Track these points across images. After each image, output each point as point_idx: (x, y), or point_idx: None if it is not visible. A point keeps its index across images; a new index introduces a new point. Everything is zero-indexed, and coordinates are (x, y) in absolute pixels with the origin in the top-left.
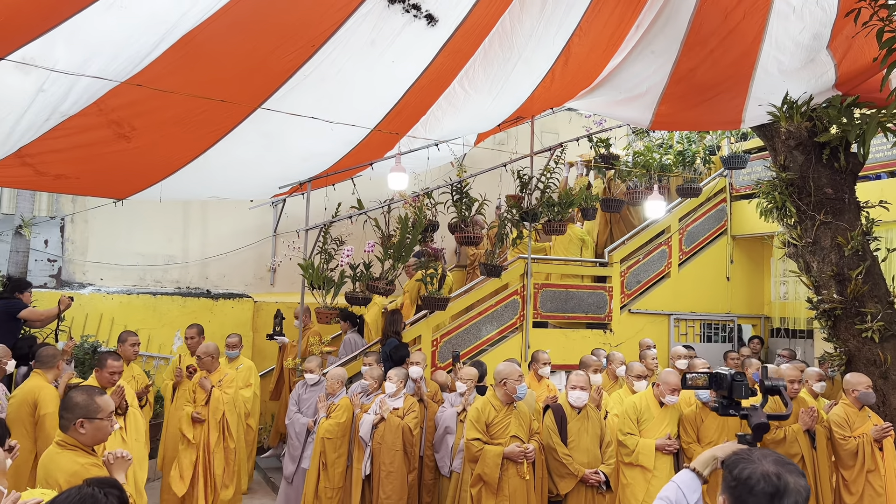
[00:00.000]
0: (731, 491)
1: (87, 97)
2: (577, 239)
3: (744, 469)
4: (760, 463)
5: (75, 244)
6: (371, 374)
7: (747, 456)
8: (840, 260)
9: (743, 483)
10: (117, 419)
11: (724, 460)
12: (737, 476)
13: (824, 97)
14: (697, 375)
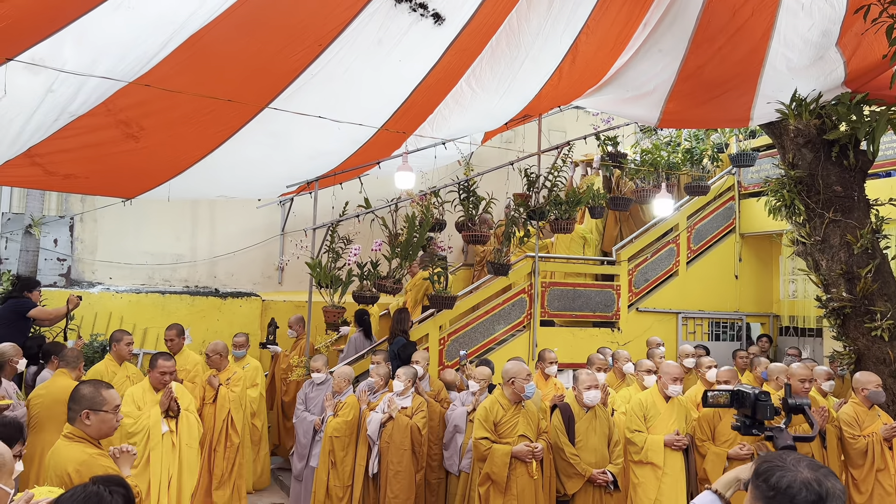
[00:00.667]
0: (770, 501)
1: (95, 97)
2: (579, 237)
3: (782, 477)
4: (797, 470)
5: (84, 243)
6: (378, 371)
7: (781, 463)
8: (849, 258)
9: (783, 492)
10: (167, 422)
11: (756, 468)
12: (775, 485)
13: (833, 94)
14: (719, 393)
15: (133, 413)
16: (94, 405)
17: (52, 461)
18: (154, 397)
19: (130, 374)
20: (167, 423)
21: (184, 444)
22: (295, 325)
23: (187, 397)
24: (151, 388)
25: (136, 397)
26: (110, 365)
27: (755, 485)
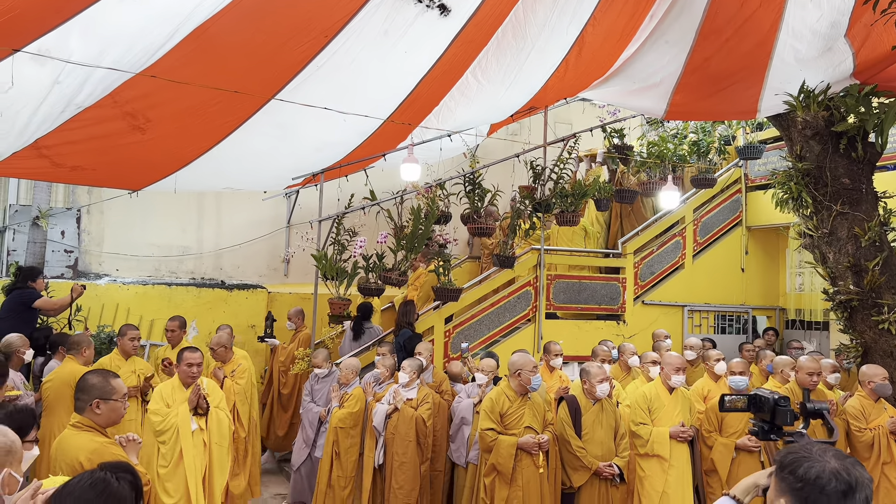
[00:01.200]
0: (798, 493)
1: (101, 89)
2: (580, 228)
3: (810, 468)
4: (824, 460)
5: (91, 235)
6: (383, 363)
7: (807, 454)
8: (857, 251)
9: (812, 483)
10: (197, 420)
11: (780, 460)
12: (803, 476)
13: (842, 86)
14: (737, 398)
15: (161, 410)
16: (104, 394)
17: (62, 451)
18: (184, 394)
19: (138, 369)
20: (196, 420)
21: (214, 443)
22: (294, 317)
23: (218, 394)
24: (181, 385)
25: (164, 394)
26: (116, 359)
27: (780, 477)
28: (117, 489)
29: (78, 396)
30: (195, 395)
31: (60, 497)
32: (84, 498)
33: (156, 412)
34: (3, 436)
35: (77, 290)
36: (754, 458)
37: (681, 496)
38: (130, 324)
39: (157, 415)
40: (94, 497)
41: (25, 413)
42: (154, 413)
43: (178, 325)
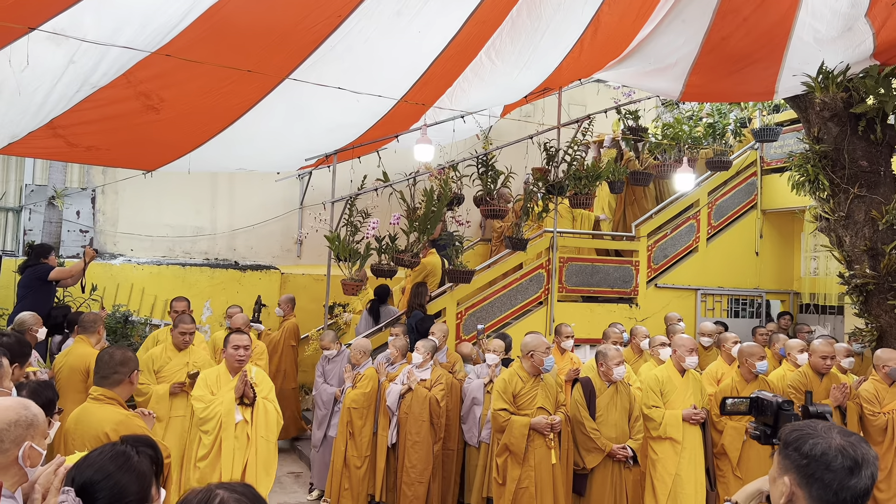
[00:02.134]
0: (802, 470)
1: (116, 69)
2: (567, 212)
3: (815, 445)
4: (830, 436)
5: (106, 215)
6: (395, 343)
7: (811, 430)
8: (874, 234)
9: (817, 460)
10: (242, 410)
11: (784, 438)
12: (808, 453)
13: (861, 67)
14: (739, 401)
15: (205, 397)
16: (138, 365)
17: (84, 424)
18: (230, 382)
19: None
20: (241, 411)
21: (259, 437)
22: (284, 304)
23: (267, 384)
24: (227, 371)
25: (209, 381)
26: (168, 351)
27: (784, 454)
28: (137, 463)
29: (116, 370)
30: (241, 383)
31: (81, 469)
32: (105, 470)
33: (199, 398)
34: (26, 409)
35: (90, 253)
36: None
37: (693, 478)
38: (184, 314)
39: (200, 401)
40: (115, 470)
41: (48, 388)
42: (197, 399)
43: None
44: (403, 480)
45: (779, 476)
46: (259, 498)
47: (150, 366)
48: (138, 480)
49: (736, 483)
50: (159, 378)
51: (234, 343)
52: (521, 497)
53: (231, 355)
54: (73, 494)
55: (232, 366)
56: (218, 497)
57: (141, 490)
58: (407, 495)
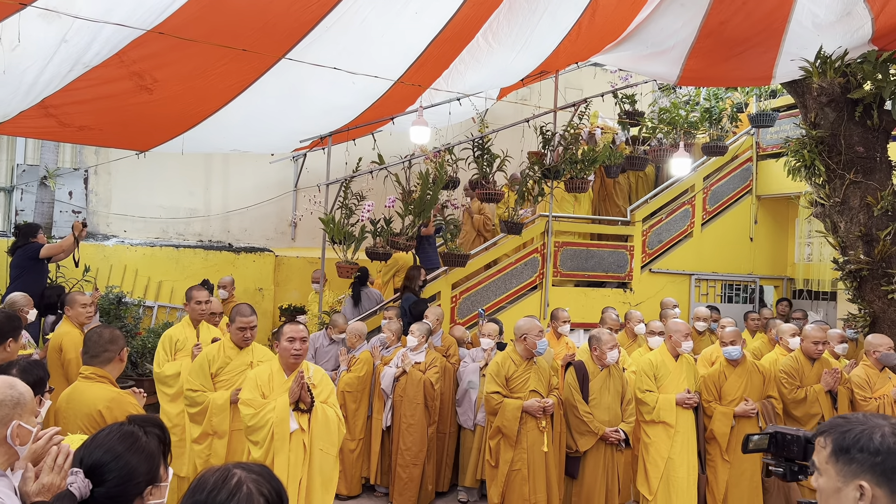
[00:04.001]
0: (878, 467)
1: (108, 48)
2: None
3: (882, 438)
4: (877, 423)
5: (99, 196)
6: (390, 327)
7: (860, 425)
8: (869, 220)
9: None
10: (298, 417)
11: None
12: (878, 448)
13: (859, 52)
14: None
15: (255, 402)
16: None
17: (76, 402)
18: (284, 382)
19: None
20: (297, 418)
21: (317, 448)
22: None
23: (327, 385)
24: (281, 370)
25: (260, 381)
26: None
27: (847, 459)
28: (146, 443)
29: (106, 348)
30: (298, 386)
31: (90, 450)
32: (114, 451)
33: (248, 403)
34: (11, 388)
35: (78, 226)
36: (752, 424)
37: (686, 462)
38: (197, 285)
39: (249, 406)
40: (124, 450)
41: (39, 367)
42: (246, 404)
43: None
44: (398, 463)
45: (845, 484)
46: (276, 479)
47: (205, 368)
48: (147, 460)
49: (724, 467)
50: (218, 383)
51: (290, 334)
52: (513, 479)
53: (286, 350)
54: (83, 476)
55: (286, 363)
56: (235, 477)
57: (150, 470)
58: (402, 478)
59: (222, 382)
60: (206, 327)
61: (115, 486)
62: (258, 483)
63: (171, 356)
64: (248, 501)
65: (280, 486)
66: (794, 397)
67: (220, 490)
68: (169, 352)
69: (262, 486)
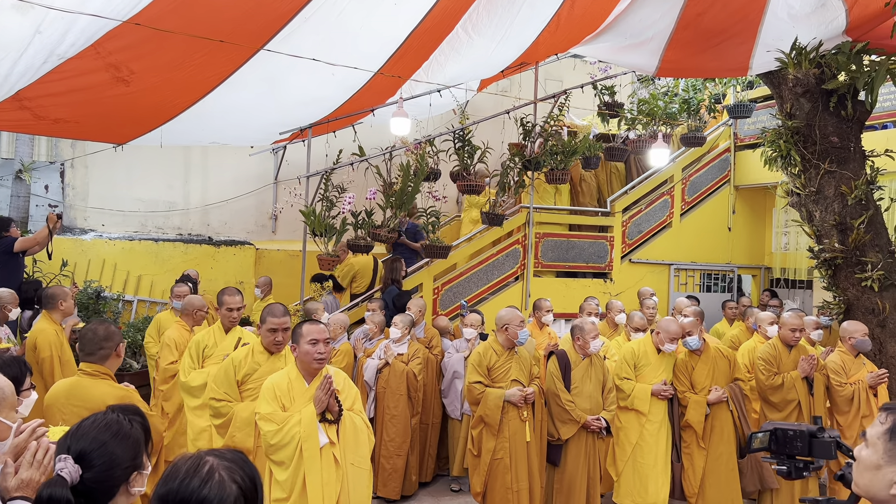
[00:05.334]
0: None
1: (84, 39)
2: (552, 187)
3: None
4: None
5: (76, 189)
6: (373, 319)
7: None
8: (843, 209)
9: None
10: (327, 429)
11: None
12: None
13: (834, 43)
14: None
15: (277, 416)
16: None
17: (79, 398)
18: (306, 390)
19: None
20: (325, 430)
21: (349, 464)
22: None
23: (351, 390)
24: (301, 377)
25: (279, 390)
26: (215, 333)
27: None
28: (130, 431)
29: (102, 346)
30: (325, 393)
31: (75, 438)
32: (99, 440)
33: (268, 418)
34: None
35: (52, 218)
36: (724, 409)
37: (654, 449)
38: (230, 288)
39: (270, 422)
40: (110, 438)
41: (17, 362)
42: (266, 420)
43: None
44: (381, 454)
45: (887, 464)
46: (249, 466)
47: (230, 375)
48: (132, 448)
49: (700, 454)
50: (245, 392)
51: (312, 336)
52: (496, 468)
53: (307, 354)
54: (72, 461)
55: (308, 369)
56: (208, 464)
57: (135, 457)
58: (385, 468)
59: (249, 392)
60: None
61: (101, 472)
62: (231, 470)
63: (197, 364)
64: (220, 489)
65: (254, 473)
66: (772, 384)
67: (193, 478)
68: (196, 359)
69: (235, 474)
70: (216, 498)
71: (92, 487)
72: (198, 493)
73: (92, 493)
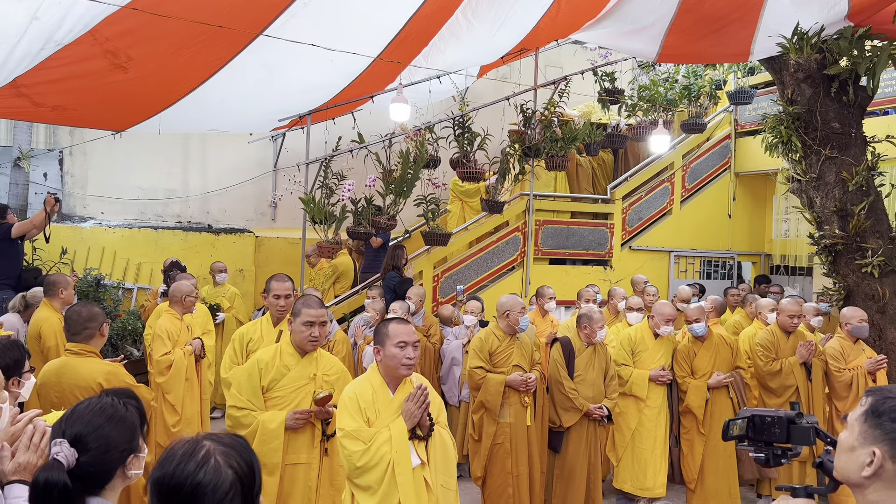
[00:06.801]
0: None
1: (81, 25)
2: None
3: None
4: None
5: (75, 177)
6: (373, 306)
7: None
8: (844, 195)
9: None
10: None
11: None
12: None
13: (836, 28)
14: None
15: (363, 433)
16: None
17: (69, 377)
18: (391, 401)
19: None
20: (415, 448)
21: (438, 485)
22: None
23: (435, 399)
24: (385, 385)
25: (363, 401)
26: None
27: (875, 424)
28: (125, 414)
29: (86, 326)
30: (419, 406)
31: (70, 422)
32: (94, 423)
33: (354, 436)
34: None
35: (50, 201)
36: (724, 395)
37: (653, 434)
38: (279, 275)
39: (355, 440)
40: (104, 422)
41: (17, 346)
42: (352, 437)
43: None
44: None
45: (861, 446)
46: (248, 451)
47: (254, 379)
48: (128, 431)
49: (700, 440)
50: (270, 400)
51: (400, 338)
52: (496, 452)
53: (395, 358)
54: (67, 444)
55: (394, 375)
56: (204, 448)
57: (131, 440)
58: None
59: (276, 400)
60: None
61: (96, 456)
62: (227, 455)
63: (241, 359)
64: (215, 474)
65: (252, 459)
66: (770, 369)
67: (188, 462)
68: (239, 353)
69: (232, 459)
70: (211, 483)
71: (89, 471)
72: (192, 477)
73: (89, 477)
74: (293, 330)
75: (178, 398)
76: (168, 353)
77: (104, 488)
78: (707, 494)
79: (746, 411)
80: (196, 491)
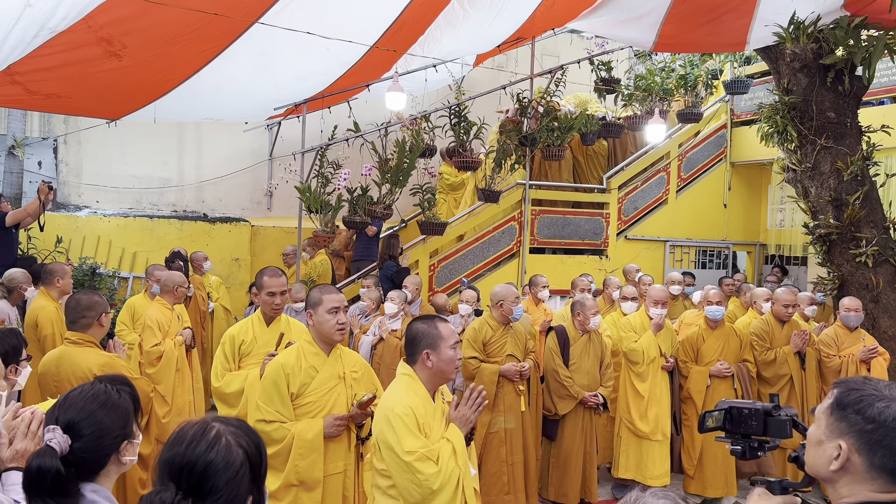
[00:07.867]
0: (866, 435)
1: (75, 12)
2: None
3: (885, 409)
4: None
5: (69, 166)
6: (369, 295)
7: (875, 391)
8: (839, 185)
9: (885, 425)
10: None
11: (839, 399)
12: (875, 418)
13: (832, 17)
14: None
15: (433, 451)
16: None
17: (67, 366)
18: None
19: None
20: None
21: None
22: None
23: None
24: (427, 392)
25: (419, 413)
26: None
27: (840, 416)
28: (119, 401)
29: (84, 314)
30: (474, 409)
31: (63, 409)
32: (87, 410)
33: (426, 457)
34: None
35: (43, 189)
36: (727, 384)
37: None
38: (270, 268)
39: (428, 462)
40: (98, 408)
41: (15, 334)
42: (425, 459)
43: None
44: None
45: (828, 439)
46: (254, 432)
47: (282, 388)
48: (122, 417)
49: None
50: (300, 408)
51: (454, 339)
52: (491, 441)
53: (448, 361)
54: (60, 432)
55: (445, 379)
56: (214, 429)
57: (125, 426)
58: None
59: (306, 406)
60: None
61: (90, 442)
62: (237, 436)
63: (233, 364)
64: (226, 452)
65: (259, 440)
66: (764, 359)
67: (199, 442)
68: (231, 358)
69: (241, 439)
70: (223, 461)
71: (82, 457)
72: (204, 456)
73: (83, 463)
74: (316, 322)
75: (168, 389)
76: (158, 344)
77: (98, 474)
78: (705, 482)
79: (724, 403)
80: (208, 469)
